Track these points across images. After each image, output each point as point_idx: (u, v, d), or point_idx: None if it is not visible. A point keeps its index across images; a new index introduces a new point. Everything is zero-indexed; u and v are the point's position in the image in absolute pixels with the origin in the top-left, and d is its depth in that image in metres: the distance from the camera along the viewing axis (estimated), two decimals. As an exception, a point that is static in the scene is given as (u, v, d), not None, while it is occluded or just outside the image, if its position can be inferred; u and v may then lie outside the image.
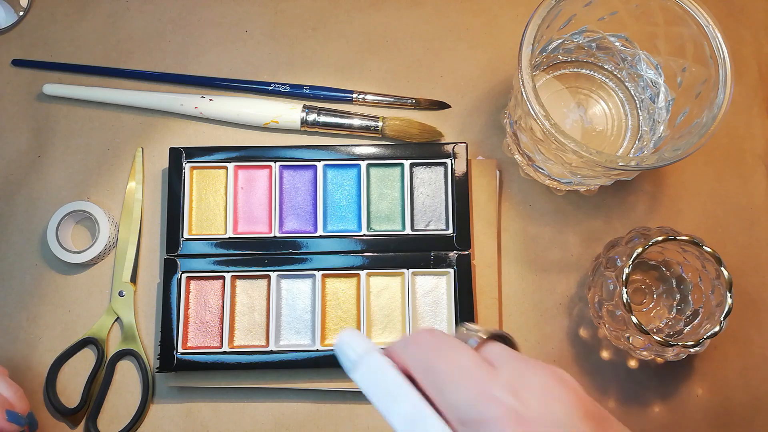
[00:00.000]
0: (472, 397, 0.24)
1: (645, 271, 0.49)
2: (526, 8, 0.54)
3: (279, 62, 0.54)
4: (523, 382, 0.25)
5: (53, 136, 0.53)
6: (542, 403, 0.24)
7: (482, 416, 0.24)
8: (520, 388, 0.24)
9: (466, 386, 0.25)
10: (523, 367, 0.25)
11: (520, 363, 0.26)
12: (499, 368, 0.25)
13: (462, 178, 0.49)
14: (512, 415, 0.24)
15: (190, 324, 0.48)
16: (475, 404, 0.24)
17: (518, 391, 0.24)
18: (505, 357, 0.26)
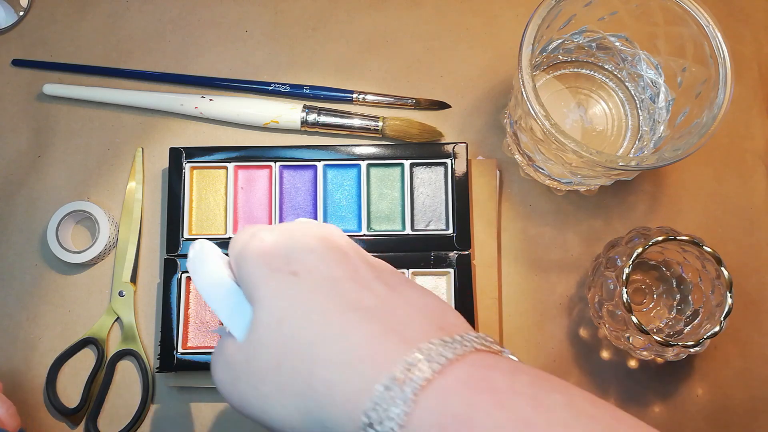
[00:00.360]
0: (239, 239, 0.30)
1: (645, 271, 0.49)
2: (526, 8, 0.54)
3: (279, 62, 0.54)
4: (281, 225, 0.31)
5: (53, 136, 0.53)
6: (287, 231, 0.30)
7: (240, 250, 0.30)
8: (276, 227, 0.30)
9: (239, 235, 0.31)
10: (299, 221, 0.32)
11: (300, 220, 0.32)
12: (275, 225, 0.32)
13: (462, 178, 0.49)
14: (259, 242, 0.29)
15: (190, 324, 0.48)
16: (240, 242, 0.30)
17: (274, 228, 0.30)
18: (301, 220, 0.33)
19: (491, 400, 0.23)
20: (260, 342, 0.27)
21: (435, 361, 0.24)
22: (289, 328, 0.26)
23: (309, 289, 0.27)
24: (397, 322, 0.26)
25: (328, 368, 0.25)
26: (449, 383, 0.23)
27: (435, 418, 0.23)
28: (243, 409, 0.28)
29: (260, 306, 0.27)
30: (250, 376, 0.27)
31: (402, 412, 0.23)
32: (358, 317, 0.26)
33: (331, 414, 0.24)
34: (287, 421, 0.26)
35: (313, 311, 0.26)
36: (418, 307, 0.27)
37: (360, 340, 0.25)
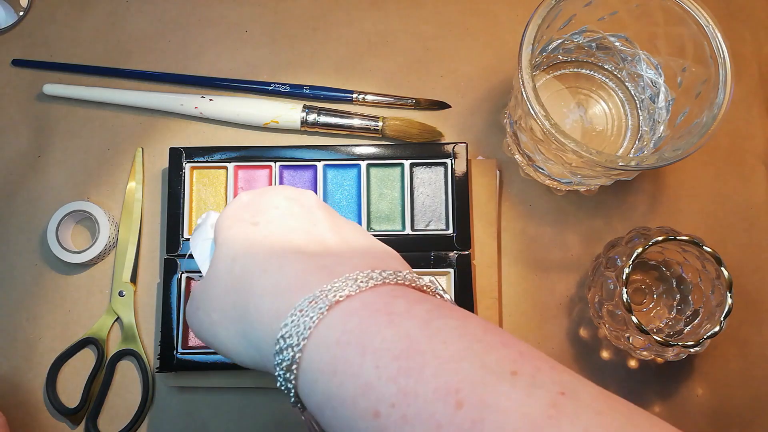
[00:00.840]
0: (228, 203, 0.36)
1: (645, 271, 0.49)
2: (526, 8, 0.54)
3: (279, 62, 0.54)
4: (258, 188, 0.34)
5: (53, 136, 0.53)
6: (261, 191, 0.33)
7: (221, 210, 0.34)
8: (253, 189, 0.34)
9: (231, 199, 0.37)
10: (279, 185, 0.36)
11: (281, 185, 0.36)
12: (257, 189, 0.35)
13: (462, 178, 0.49)
14: (235, 201, 0.33)
15: (190, 324, 0.48)
16: (225, 205, 0.34)
17: (251, 191, 0.34)
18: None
19: (385, 320, 0.25)
20: (215, 276, 0.30)
21: (350, 287, 0.26)
22: (240, 266, 0.29)
23: (263, 235, 0.30)
24: (332, 261, 0.28)
25: (261, 296, 0.28)
26: (353, 305, 0.26)
27: (334, 334, 0.25)
28: (199, 333, 0.32)
29: (220, 246, 0.31)
30: (205, 305, 0.31)
31: (307, 326, 0.25)
32: (296, 257, 0.29)
33: (259, 334, 0.28)
34: (231, 343, 0.29)
35: (260, 252, 0.29)
36: (360, 250, 0.30)
37: (292, 273, 0.28)
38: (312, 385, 0.25)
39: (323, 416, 0.25)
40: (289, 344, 0.26)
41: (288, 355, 0.26)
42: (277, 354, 0.26)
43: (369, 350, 0.24)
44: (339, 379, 0.24)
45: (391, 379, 0.23)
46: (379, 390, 0.23)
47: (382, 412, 0.23)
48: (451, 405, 0.22)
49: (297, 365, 0.26)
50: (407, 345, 0.24)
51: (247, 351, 0.29)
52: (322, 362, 0.25)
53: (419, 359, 0.23)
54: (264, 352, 0.28)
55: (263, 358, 0.28)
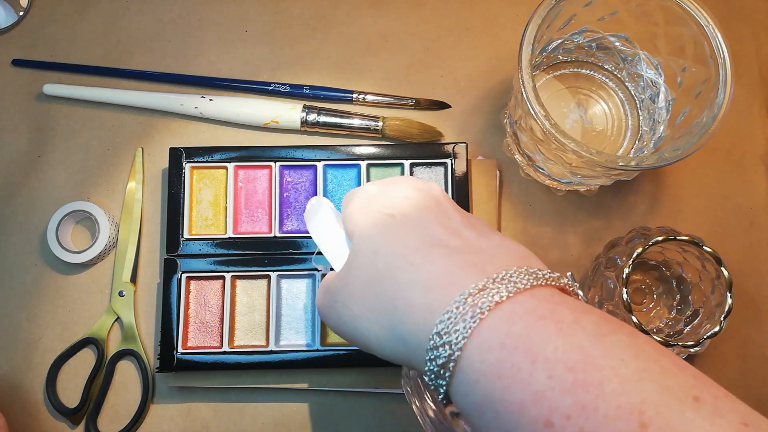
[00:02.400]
0: (349, 193, 0.34)
1: (645, 271, 0.49)
2: (526, 8, 0.54)
3: (279, 62, 0.54)
4: (384, 179, 0.34)
5: (53, 136, 0.53)
6: (387, 184, 0.33)
7: (348, 199, 0.34)
8: (379, 181, 0.34)
9: (350, 191, 0.35)
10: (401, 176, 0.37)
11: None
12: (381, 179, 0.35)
13: (462, 178, 0.49)
14: (362, 192, 0.33)
15: (190, 324, 0.48)
16: (348, 195, 0.34)
17: (377, 182, 0.34)
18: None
19: (554, 328, 0.24)
20: (356, 268, 0.30)
21: (507, 287, 0.26)
22: (382, 258, 0.29)
23: (402, 228, 0.30)
24: (479, 259, 0.28)
25: (410, 289, 0.28)
26: (516, 309, 0.25)
27: (498, 337, 0.25)
28: (338, 326, 0.32)
29: (358, 238, 0.31)
30: (345, 298, 0.31)
31: (468, 326, 0.25)
32: (443, 252, 0.28)
33: (408, 327, 0.27)
34: (373, 336, 0.29)
35: (403, 245, 0.29)
36: (503, 248, 0.29)
37: (441, 268, 0.28)
38: (471, 385, 0.25)
39: (482, 418, 0.25)
40: (446, 341, 0.25)
41: (444, 353, 0.25)
42: (431, 350, 0.26)
43: (540, 358, 0.24)
44: (504, 383, 0.24)
45: (566, 391, 0.23)
46: (553, 400, 0.23)
47: (556, 423, 0.23)
48: (635, 424, 0.21)
49: (454, 364, 0.25)
50: (582, 357, 0.23)
51: (392, 344, 0.29)
52: (485, 364, 0.25)
53: (597, 374, 0.23)
54: (412, 346, 0.27)
55: (410, 352, 0.28)
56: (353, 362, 0.47)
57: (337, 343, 0.47)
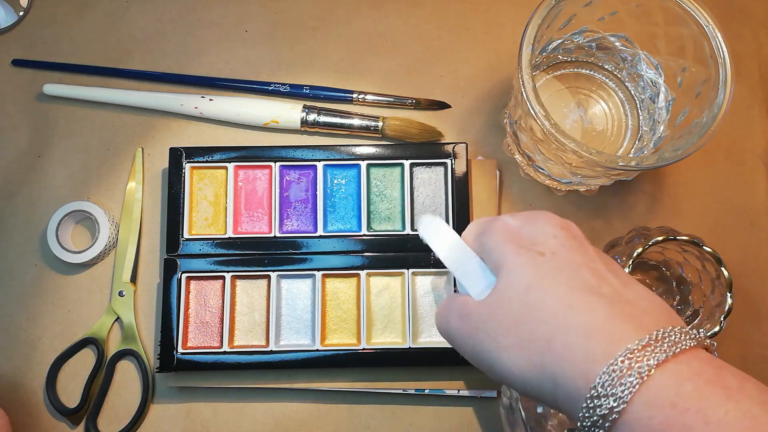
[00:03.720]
0: (482, 222, 0.34)
1: (645, 271, 0.49)
2: (526, 8, 0.54)
3: (279, 62, 0.54)
4: (521, 213, 0.34)
5: (53, 136, 0.53)
6: (529, 218, 0.33)
7: (484, 228, 0.33)
8: (517, 214, 0.34)
9: (482, 220, 0.35)
10: (533, 211, 0.35)
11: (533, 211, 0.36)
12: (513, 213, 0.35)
13: (462, 178, 0.49)
14: (502, 224, 0.33)
15: (190, 324, 0.48)
16: (482, 224, 0.34)
17: (515, 215, 0.34)
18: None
19: (722, 392, 0.25)
20: (507, 301, 0.30)
21: (670, 346, 0.26)
22: (535, 296, 0.29)
23: (554, 268, 0.30)
24: (634, 311, 0.29)
25: (569, 333, 0.28)
26: (682, 369, 0.26)
27: (668, 396, 0.25)
28: (475, 354, 0.32)
29: (509, 273, 0.31)
30: (491, 328, 0.31)
31: (636, 382, 0.25)
32: (599, 300, 0.29)
33: (565, 371, 0.27)
34: (517, 370, 0.29)
35: (558, 285, 0.29)
36: (650, 301, 0.30)
37: (601, 316, 0.28)
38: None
39: None
40: (610, 393, 0.26)
41: (605, 404, 0.26)
42: (591, 399, 0.26)
43: (713, 420, 0.24)
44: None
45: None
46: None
47: None
48: None
49: (617, 416, 0.26)
50: (752, 424, 0.24)
51: (539, 381, 0.29)
52: (653, 421, 0.25)
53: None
54: (565, 389, 0.28)
55: (559, 393, 0.28)
56: (353, 362, 0.47)
57: (337, 343, 0.47)
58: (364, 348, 0.47)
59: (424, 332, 0.48)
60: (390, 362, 0.47)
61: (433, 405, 0.48)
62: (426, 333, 0.48)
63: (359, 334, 0.47)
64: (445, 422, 0.47)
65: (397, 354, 0.47)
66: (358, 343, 0.47)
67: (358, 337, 0.47)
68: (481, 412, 0.48)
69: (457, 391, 0.47)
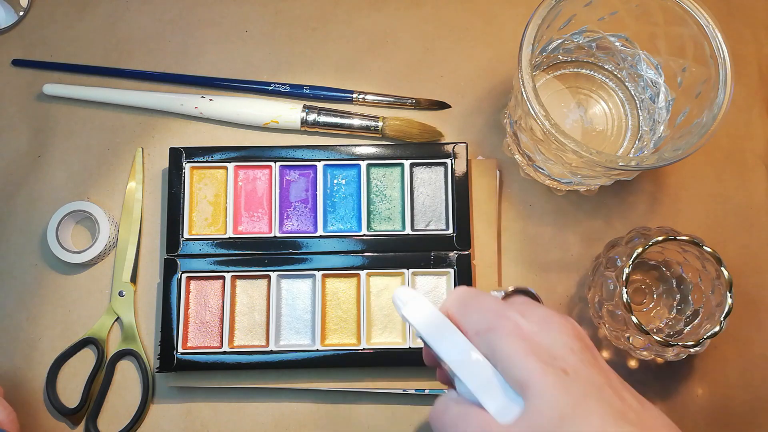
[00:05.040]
0: (486, 314, 0.31)
1: (645, 271, 0.49)
2: (526, 8, 0.54)
3: (279, 62, 0.54)
4: (531, 310, 0.31)
5: (53, 136, 0.53)
6: (543, 323, 0.30)
7: (491, 325, 0.30)
8: (527, 313, 0.31)
9: (484, 309, 0.31)
10: (535, 305, 0.32)
11: (533, 303, 0.32)
12: (515, 304, 0.32)
13: (462, 178, 0.49)
14: (514, 326, 0.30)
15: (190, 324, 0.48)
16: (487, 318, 0.31)
17: (525, 314, 0.31)
18: (522, 299, 0.33)
19: None
20: (538, 426, 0.28)
21: None
22: (572, 426, 0.28)
23: (582, 392, 0.29)
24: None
25: None
26: None
27: None
28: None
29: (539, 398, 0.29)
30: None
31: None
32: (631, 429, 0.28)
33: None
34: None
35: (592, 415, 0.28)
36: (662, 421, 0.30)
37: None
38: None
39: None
40: None
41: None
42: None
43: None
44: None
45: None
46: None
47: None
48: None
49: None
50: None
51: None
52: None
53: None
54: None
55: None
56: (353, 362, 0.47)
57: (337, 343, 0.47)
58: (364, 348, 0.47)
59: (424, 332, 0.48)
60: (390, 362, 0.47)
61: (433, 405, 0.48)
62: (426, 333, 0.48)
63: (359, 334, 0.47)
64: (445, 422, 0.47)
65: (397, 354, 0.47)
66: (358, 343, 0.47)
67: (358, 337, 0.47)
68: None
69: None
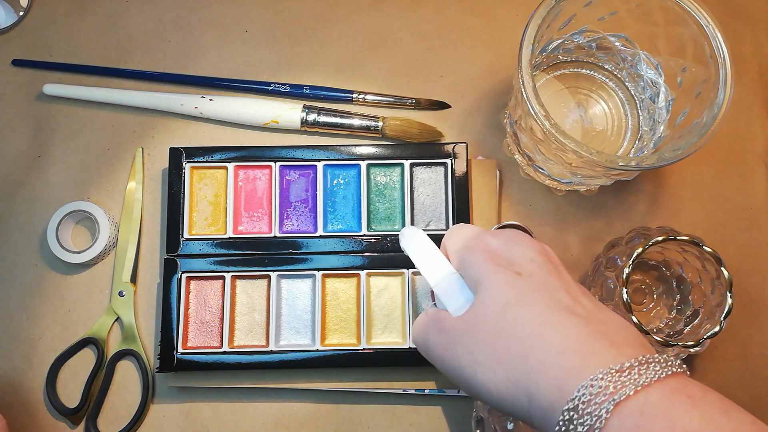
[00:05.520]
0: (463, 237, 0.35)
1: (645, 271, 0.49)
2: (526, 8, 0.54)
3: (279, 62, 0.54)
4: (503, 232, 0.35)
5: (53, 136, 0.53)
6: (508, 241, 0.34)
7: (465, 244, 0.35)
8: (498, 234, 0.35)
9: (463, 234, 0.36)
10: (511, 231, 0.35)
11: (510, 230, 0.36)
12: (493, 231, 0.36)
13: (462, 178, 0.49)
14: (483, 243, 0.34)
15: (190, 324, 0.48)
16: (463, 239, 0.35)
17: (496, 235, 0.35)
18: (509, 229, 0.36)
19: (687, 401, 0.26)
20: (484, 318, 0.31)
21: (648, 373, 0.27)
22: (512, 313, 0.30)
23: (531, 288, 0.31)
24: (607, 329, 0.30)
25: (544, 350, 0.29)
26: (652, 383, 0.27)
27: (636, 406, 0.26)
28: (452, 369, 0.32)
29: (486, 291, 0.32)
30: (467, 343, 0.31)
31: (613, 401, 0.26)
32: (574, 319, 0.30)
33: (539, 386, 0.28)
34: (492, 385, 0.30)
35: (535, 304, 0.30)
36: (620, 321, 0.31)
37: (576, 334, 0.29)
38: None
39: None
40: (587, 411, 0.26)
41: (586, 421, 0.26)
42: (567, 412, 0.27)
43: (678, 427, 0.25)
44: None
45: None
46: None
47: None
48: None
49: (598, 430, 0.26)
50: (713, 429, 0.25)
51: (514, 396, 0.29)
52: (621, 428, 0.26)
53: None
54: (539, 403, 0.28)
55: (533, 408, 0.29)
56: (353, 362, 0.47)
57: (337, 343, 0.47)
58: (364, 348, 0.47)
59: (424, 332, 0.48)
60: (390, 362, 0.47)
61: (433, 405, 0.48)
62: (426, 333, 0.48)
63: (359, 334, 0.47)
64: (445, 422, 0.47)
65: (397, 354, 0.47)
66: (358, 343, 0.47)
67: (358, 337, 0.47)
68: (481, 412, 0.48)
69: (457, 391, 0.47)
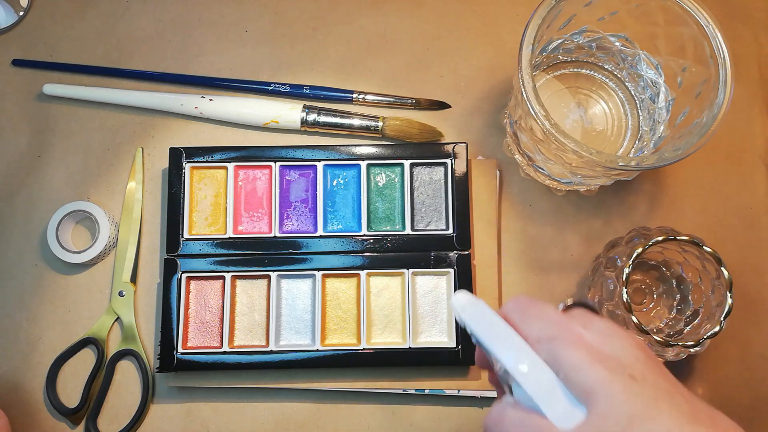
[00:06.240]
0: (548, 324, 0.31)
1: (645, 271, 0.49)
2: (526, 8, 0.54)
3: (279, 62, 0.54)
4: (593, 322, 0.31)
5: (53, 136, 0.53)
6: (605, 335, 0.30)
7: (554, 334, 0.30)
8: (589, 325, 0.31)
9: (546, 318, 0.31)
10: (596, 318, 0.32)
11: (594, 316, 0.32)
12: (576, 316, 0.32)
13: (462, 178, 0.49)
14: (578, 336, 0.30)
15: (190, 324, 0.48)
16: (549, 327, 0.30)
17: (587, 325, 0.31)
18: (581, 312, 0.32)
19: None
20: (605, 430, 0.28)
21: None
22: (641, 426, 0.28)
23: (651, 395, 0.29)
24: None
25: None
26: None
27: None
28: None
29: (606, 403, 0.28)
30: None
31: None
32: (701, 429, 0.28)
33: None
34: None
35: (662, 416, 0.28)
36: (731, 423, 0.30)
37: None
38: None
39: None
40: None
41: None
42: None
43: None
44: None
45: None
46: None
47: None
48: None
49: None
50: None
51: None
52: None
53: None
54: None
55: None
56: (353, 362, 0.47)
57: (337, 343, 0.47)
58: (364, 348, 0.47)
59: (424, 332, 0.48)
60: (390, 362, 0.47)
61: (433, 405, 0.48)
62: (426, 333, 0.48)
63: (359, 334, 0.47)
64: (445, 422, 0.47)
65: (397, 354, 0.47)
66: (358, 343, 0.47)
67: (358, 337, 0.47)
68: (481, 412, 0.48)
69: (457, 391, 0.47)
